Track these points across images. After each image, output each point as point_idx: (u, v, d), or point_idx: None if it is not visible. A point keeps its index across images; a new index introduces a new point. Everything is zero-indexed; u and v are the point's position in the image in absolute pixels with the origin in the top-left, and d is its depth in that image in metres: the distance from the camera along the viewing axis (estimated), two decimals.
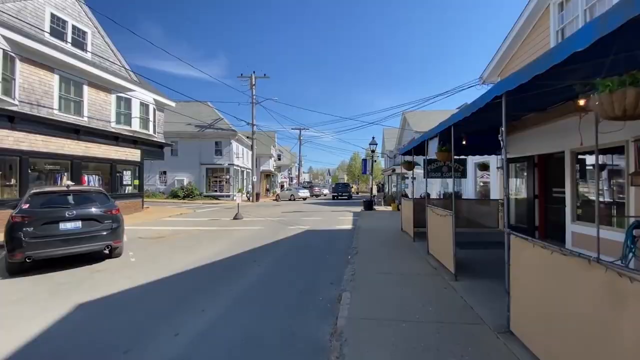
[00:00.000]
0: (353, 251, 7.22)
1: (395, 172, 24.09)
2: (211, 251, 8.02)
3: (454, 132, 5.24)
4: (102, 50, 15.92)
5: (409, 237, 8.78)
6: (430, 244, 6.64)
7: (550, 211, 7.97)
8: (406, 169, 9.47)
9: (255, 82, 29.71)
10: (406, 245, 7.90)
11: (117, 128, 16.18)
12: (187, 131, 30.39)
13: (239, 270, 6.13)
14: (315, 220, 13.96)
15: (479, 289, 4.61)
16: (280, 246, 8.42)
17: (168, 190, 30.04)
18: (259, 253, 7.65)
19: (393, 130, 39.75)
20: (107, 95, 15.84)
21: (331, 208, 21.67)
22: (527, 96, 5.46)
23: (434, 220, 6.09)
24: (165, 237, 10.38)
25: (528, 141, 8.38)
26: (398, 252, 7.10)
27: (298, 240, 9.37)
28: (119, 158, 16.34)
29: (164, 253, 7.96)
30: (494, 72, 10.23)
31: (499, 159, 9.96)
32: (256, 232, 10.99)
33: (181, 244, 9.15)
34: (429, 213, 6.53)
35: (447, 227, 5.27)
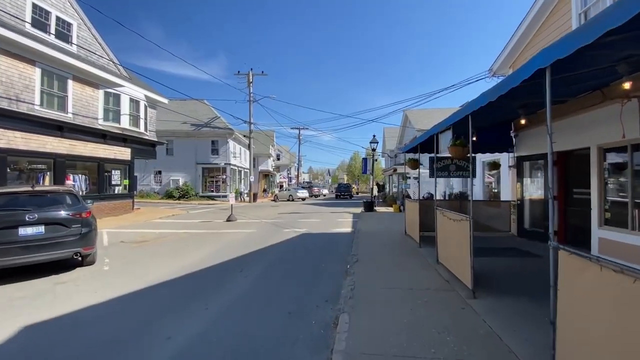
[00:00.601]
0: (352, 259, 6.43)
1: (397, 171, 23.31)
2: (195, 258, 7.24)
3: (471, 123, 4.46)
4: (89, 43, 15.13)
5: (414, 242, 8.00)
6: (440, 252, 5.86)
7: (571, 214, 7.19)
8: (411, 168, 8.70)
9: (252, 80, 28.94)
10: (411, 251, 7.12)
11: (105, 125, 15.39)
12: (182, 130, 29.62)
13: (222, 284, 5.35)
14: (313, 223, 13.18)
15: (503, 309, 3.83)
16: (272, 252, 7.64)
17: (163, 190, 29.27)
18: (248, 260, 6.87)
19: (394, 129, 39.00)
20: (94, 91, 15.06)
21: (330, 209, 20.89)
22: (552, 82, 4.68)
23: (446, 225, 5.31)
24: (150, 241, 9.60)
25: (544, 137, 7.58)
26: (403, 260, 6.31)
27: (292, 245, 8.59)
28: (107, 157, 15.56)
29: (143, 260, 7.18)
30: (505, 63, 9.46)
31: (510, 157, 9.18)
32: (248, 235, 10.21)
33: (165, 249, 8.36)
34: (439, 217, 5.75)
35: (463, 234, 4.49)
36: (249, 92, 28.97)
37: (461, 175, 9.12)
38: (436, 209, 5.98)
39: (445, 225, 5.35)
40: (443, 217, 5.44)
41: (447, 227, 5.29)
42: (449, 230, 5.22)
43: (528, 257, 6.49)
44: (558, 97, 6.28)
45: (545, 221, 7.72)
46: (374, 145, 19.08)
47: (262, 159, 44.72)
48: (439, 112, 24.68)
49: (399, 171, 23.22)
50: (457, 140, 4.83)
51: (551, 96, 2.80)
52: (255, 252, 7.73)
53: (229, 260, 6.98)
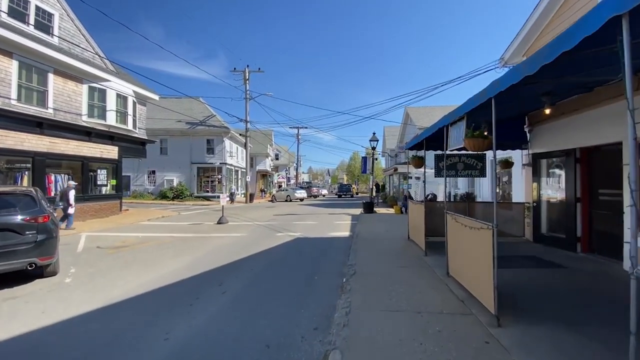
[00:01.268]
0: (350, 270, 5.59)
1: (398, 171, 22.47)
2: (173, 267, 6.41)
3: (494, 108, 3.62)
4: (72, 35, 14.30)
5: (419, 249, 7.17)
6: (451, 263, 5.02)
7: (598, 218, 6.35)
8: (414, 166, 7.86)
9: (249, 77, 28.09)
10: (416, 260, 6.27)
11: (90, 122, 14.55)
12: (177, 128, 28.79)
13: (194, 302, 4.51)
14: (309, 226, 12.34)
15: (537, 345, 2.99)
16: (258, 261, 6.80)
17: (157, 190, 28.44)
18: (230, 272, 6.03)
19: (394, 128, 38.16)
20: (78, 85, 14.22)
21: (328, 210, 20.05)
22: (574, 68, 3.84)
23: (459, 233, 4.47)
24: (129, 246, 8.77)
25: (566, 131, 6.77)
26: (407, 272, 5.47)
27: (284, 252, 7.75)
28: (92, 155, 14.72)
29: (113, 270, 6.34)
30: (518, 51, 8.62)
31: (524, 155, 8.34)
32: (237, 240, 9.37)
33: (143, 256, 7.53)
34: (451, 223, 4.91)
35: (483, 246, 3.66)
36: (245, 90, 28.13)
37: (470, 174, 8.28)
38: (446, 213, 5.14)
39: (459, 233, 4.51)
40: (455, 223, 4.60)
41: (461, 236, 4.45)
42: (463, 240, 4.38)
43: (551, 268, 5.65)
44: (573, 88, 5.46)
45: (566, 226, 6.88)
46: (374, 143, 18.24)
47: (260, 159, 43.87)
48: (441, 109, 23.85)
49: (399, 171, 22.38)
50: (477, 131, 3.99)
51: (629, 58, 1.95)
52: (241, 260, 6.89)
53: (209, 270, 6.14)
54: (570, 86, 5.45)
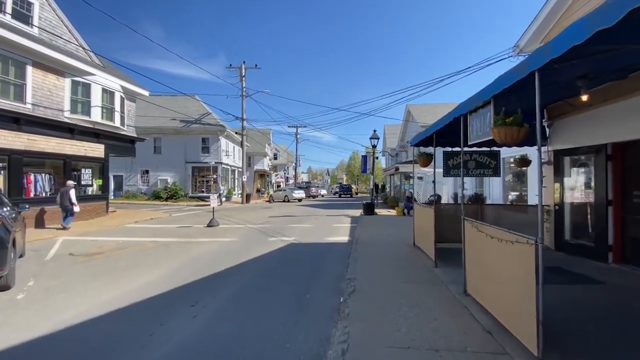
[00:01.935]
0: (348, 286, 4.75)
1: (399, 170, 21.64)
2: (145, 279, 5.58)
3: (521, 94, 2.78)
4: (54, 26, 13.43)
5: (427, 258, 6.33)
6: (470, 280, 4.19)
7: (633, 224, 5.51)
8: (421, 165, 7.02)
9: (245, 74, 27.26)
10: (425, 273, 5.43)
11: (73, 118, 13.69)
12: (171, 126, 27.92)
13: (155, 331, 3.67)
14: (305, 229, 11.49)
15: None
16: (244, 273, 5.96)
17: (150, 191, 27.58)
18: (209, 287, 5.19)
19: (394, 127, 37.33)
20: (59, 79, 13.34)
21: (326, 211, 19.20)
22: None
23: (483, 245, 3.63)
24: (105, 253, 7.93)
25: (594, 125, 5.92)
26: (416, 289, 4.63)
27: (274, 261, 6.90)
28: (75, 154, 13.84)
29: (77, 284, 5.50)
30: (535, 37, 7.78)
31: (543, 152, 7.49)
32: (225, 246, 8.52)
33: (115, 265, 6.68)
34: (470, 231, 4.07)
35: (522, 266, 2.84)
36: (241, 87, 27.28)
37: (482, 173, 7.48)
38: (464, 219, 4.30)
39: (482, 244, 3.68)
40: (477, 233, 3.76)
41: (484, 248, 3.62)
42: (488, 254, 3.54)
43: (585, 283, 4.82)
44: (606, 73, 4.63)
45: (595, 232, 6.05)
46: (375, 141, 17.39)
47: (257, 158, 43.04)
48: (444, 106, 23.01)
49: (401, 170, 21.54)
50: (510, 117, 3.14)
51: None
52: (225, 271, 6.05)
53: (186, 284, 5.30)
54: (605, 70, 4.63)
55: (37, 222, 12.98)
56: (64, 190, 11.75)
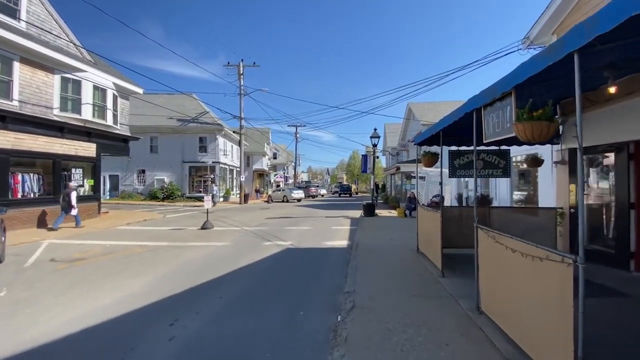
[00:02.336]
0: (347, 301, 4.26)
1: (400, 170, 21.15)
2: (125, 291, 5.10)
3: None
4: (42, 21, 12.94)
5: (433, 266, 5.84)
6: (484, 296, 3.70)
7: None
8: (426, 164, 6.52)
9: (243, 72, 26.76)
10: (432, 285, 4.94)
11: (62, 116, 13.21)
12: (168, 125, 27.43)
13: (126, 357, 3.18)
14: (302, 232, 11.00)
15: None
16: (233, 284, 5.47)
17: (147, 191, 27.10)
18: (193, 301, 4.71)
19: (395, 125, 36.85)
20: (48, 76, 12.86)
21: (325, 212, 18.70)
22: None
23: (503, 258, 3.14)
24: (89, 259, 7.45)
25: (614, 121, 5.42)
26: (423, 305, 4.14)
27: (267, 270, 6.41)
28: (65, 153, 13.35)
29: (49, 295, 5.04)
30: (546, 28, 7.29)
31: (555, 151, 7.02)
32: (216, 251, 8.04)
33: (96, 274, 6.21)
34: (486, 242, 3.58)
35: (555, 289, 2.35)
36: (239, 85, 26.78)
37: (491, 174, 7.00)
38: (477, 227, 3.81)
39: (501, 258, 3.19)
40: (495, 245, 3.27)
41: (505, 263, 3.13)
42: (509, 269, 3.06)
43: (609, 297, 4.33)
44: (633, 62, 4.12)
45: (616, 238, 5.56)
46: (375, 140, 16.89)
47: (256, 158, 42.56)
48: (446, 105, 22.51)
49: (402, 170, 21.04)
50: (537, 111, 2.65)
51: None
52: (213, 281, 5.56)
53: (168, 297, 4.82)
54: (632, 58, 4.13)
55: (39, 222, 12.54)
56: (65, 192, 11.94)
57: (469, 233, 7.80)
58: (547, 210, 7.10)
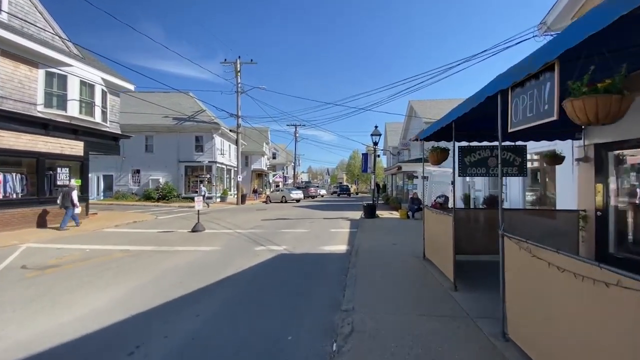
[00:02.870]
0: (344, 324, 3.58)
1: (402, 170, 20.46)
2: (89, 306, 4.44)
3: None
4: (26, 13, 12.30)
5: (442, 276, 5.16)
6: (512, 319, 3.02)
7: None
8: (433, 162, 5.83)
9: (240, 69, 26.07)
10: (444, 301, 4.24)
11: (47, 113, 12.55)
12: (163, 124, 26.78)
13: None
14: (299, 235, 10.32)
15: None
16: (214, 298, 4.78)
17: (141, 191, 26.43)
18: (163, 320, 4.03)
19: (396, 124, 36.18)
20: (32, 70, 12.21)
21: (324, 213, 18.02)
22: None
23: (545, 278, 2.47)
24: (62, 266, 6.79)
25: None
26: (435, 328, 3.46)
27: (255, 280, 5.72)
28: (50, 151, 12.69)
29: (7, 309, 4.41)
30: (565, 12, 6.61)
31: (576, 147, 6.34)
32: (203, 257, 7.36)
33: (64, 284, 5.54)
34: (517, 255, 2.91)
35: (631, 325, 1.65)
36: (236, 82, 26.11)
37: (506, 173, 6.31)
38: (503, 235, 3.13)
39: (540, 276, 2.51)
40: (531, 259, 2.59)
41: (545, 283, 2.45)
42: (551, 291, 2.38)
43: None
44: None
45: None
46: (376, 138, 16.20)
47: (255, 157, 41.90)
48: (448, 102, 21.84)
49: (404, 169, 20.36)
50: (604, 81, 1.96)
51: None
52: (192, 294, 4.88)
53: (135, 315, 4.14)
54: None
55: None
56: (66, 191, 11.89)
57: (480, 238, 7.14)
58: (567, 213, 6.41)
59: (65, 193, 11.81)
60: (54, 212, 12.75)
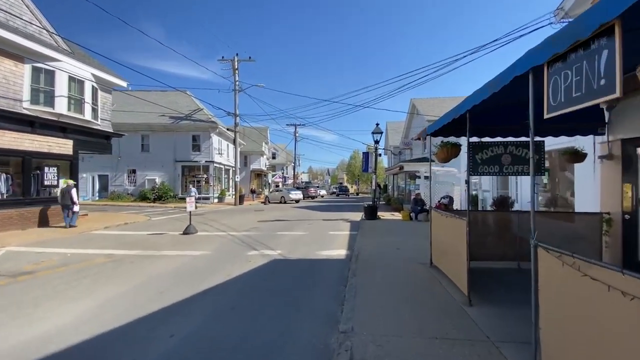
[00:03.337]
0: (341, 350, 3.01)
1: (404, 169, 19.89)
2: (49, 324, 3.88)
3: None
4: (11, 5, 11.75)
5: (453, 287, 4.59)
6: (548, 348, 2.45)
7: None
8: (443, 160, 5.25)
9: (238, 66, 25.54)
10: (459, 319, 3.66)
11: (33, 109, 12.01)
12: (160, 123, 26.24)
13: None
14: (296, 238, 9.75)
15: None
16: (194, 313, 4.20)
17: (137, 191, 25.89)
18: (131, 341, 3.48)
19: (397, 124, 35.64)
20: (17, 65, 11.67)
21: (323, 214, 17.45)
22: None
23: (602, 305, 1.88)
24: (36, 272, 6.24)
25: None
26: (452, 355, 2.89)
27: (243, 291, 5.12)
28: (37, 150, 12.16)
29: None
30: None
31: (598, 143, 5.78)
32: (190, 263, 6.80)
33: (32, 294, 4.99)
34: (559, 272, 2.34)
35: None
36: (234, 80, 25.57)
37: (520, 171, 5.73)
38: (537, 246, 2.57)
39: (594, 300, 1.94)
40: (581, 279, 2.03)
41: (604, 311, 1.88)
42: (614, 322, 1.80)
43: None
44: None
45: None
46: (377, 136, 15.64)
47: (254, 157, 41.36)
48: (452, 100, 21.27)
49: (406, 169, 19.79)
50: None
51: None
52: (169, 309, 4.32)
53: (101, 334, 3.58)
54: None
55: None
56: (65, 189, 11.90)
57: (491, 242, 6.57)
58: (588, 216, 5.84)
59: (65, 191, 11.80)
60: (40, 214, 12.21)
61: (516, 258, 6.03)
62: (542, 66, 2.48)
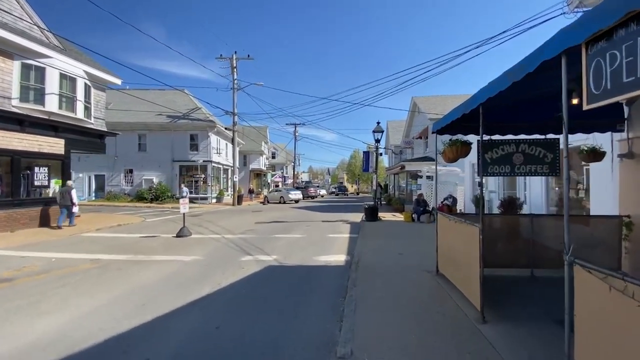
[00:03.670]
0: None
1: (405, 169, 19.46)
2: (12, 345, 3.48)
3: None
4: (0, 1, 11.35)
5: (464, 300, 4.17)
6: None
7: None
8: (448, 159, 4.83)
9: (236, 65, 25.14)
10: (472, 342, 3.23)
11: (22, 107, 11.61)
12: (157, 122, 25.83)
13: None
14: (293, 242, 9.34)
15: None
16: (174, 334, 3.77)
17: (134, 191, 25.50)
18: None
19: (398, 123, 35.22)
20: (6, 62, 11.28)
21: (323, 215, 17.03)
22: None
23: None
24: (14, 280, 5.85)
25: None
26: None
27: (232, 302, 4.69)
28: (26, 149, 11.77)
29: None
30: None
31: (617, 141, 5.36)
32: (179, 270, 6.39)
33: (6, 306, 4.58)
34: (601, 297, 1.92)
35: None
36: (232, 79, 25.16)
37: (534, 171, 5.31)
38: (573, 262, 2.14)
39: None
40: (636, 309, 1.60)
41: None
42: None
43: None
44: None
45: None
46: (378, 135, 15.22)
47: (253, 157, 40.94)
48: (454, 98, 20.84)
49: (407, 169, 19.36)
50: None
51: None
52: (148, 325, 3.91)
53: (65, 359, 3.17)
54: None
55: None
56: (64, 190, 11.96)
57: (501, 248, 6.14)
58: (606, 219, 5.42)
59: (64, 192, 11.83)
60: (30, 215, 11.83)
61: (529, 265, 5.62)
62: (578, 47, 2.06)
